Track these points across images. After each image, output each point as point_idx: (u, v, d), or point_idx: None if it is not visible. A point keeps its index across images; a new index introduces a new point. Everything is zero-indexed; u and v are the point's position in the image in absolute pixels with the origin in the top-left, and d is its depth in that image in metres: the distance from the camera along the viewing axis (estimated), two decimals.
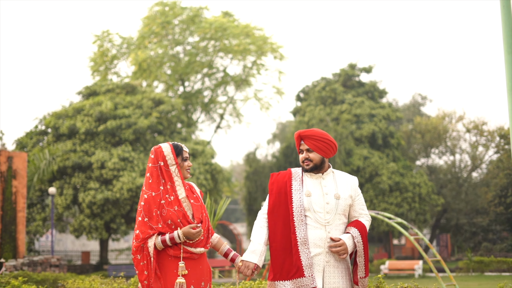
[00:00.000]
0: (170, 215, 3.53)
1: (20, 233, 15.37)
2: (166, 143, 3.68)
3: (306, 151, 3.72)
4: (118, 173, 20.39)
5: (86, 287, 6.26)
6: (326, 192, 3.68)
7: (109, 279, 6.63)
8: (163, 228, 3.52)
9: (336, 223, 3.65)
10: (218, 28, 26.64)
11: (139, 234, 3.51)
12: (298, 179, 3.74)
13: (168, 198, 3.57)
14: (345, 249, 3.55)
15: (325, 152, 3.70)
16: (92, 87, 23.78)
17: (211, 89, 28.77)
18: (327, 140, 3.71)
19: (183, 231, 3.50)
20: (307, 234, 3.59)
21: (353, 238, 3.62)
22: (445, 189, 29.30)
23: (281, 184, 3.74)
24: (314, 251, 3.58)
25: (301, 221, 3.60)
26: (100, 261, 23.03)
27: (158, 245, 3.50)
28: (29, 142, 22.40)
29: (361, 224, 3.70)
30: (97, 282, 6.41)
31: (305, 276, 3.51)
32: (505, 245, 28.40)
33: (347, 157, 26.84)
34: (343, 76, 29.61)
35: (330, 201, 3.65)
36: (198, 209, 3.66)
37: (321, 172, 3.74)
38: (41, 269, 14.53)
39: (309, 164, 3.71)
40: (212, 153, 22.76)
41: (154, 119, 21.85)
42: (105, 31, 27.45)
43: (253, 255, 3.61)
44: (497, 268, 20.83)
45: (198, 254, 3.58)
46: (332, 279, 3.57)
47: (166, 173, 3.60)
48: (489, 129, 29.95)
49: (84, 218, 20.59)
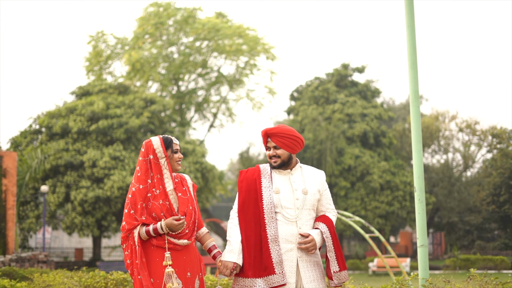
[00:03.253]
0: (155, 209, 3.66)
1: (9, 230, 15.80)
2: (157, 136, 3.78)
3: (273, 148, 3.76)
4: (109, 172, 20.84)
5: (50, 280, 6.64)
6: (296, 188, 3.71)
7: (72, 272, 7.04)
8: (147, 220, 3.66)
9: (306, 218, 3.69)
10: (211, 28, 27.01)
11: (124, 225, 3.68)
12: (267, 176, 3.77)
13: (154, 191, 3.69)
14: (314, 245, 3.61)
15: (292, 149, 3.73)
16: (85, 87, 24.22)
17: (205, 89, 29.16)
18: (293, 137, 3.74)
19: (166, 222, 3.61)
20: (278, 231, 3.63)
21: (322, 234, 3.67)
22: (437, 188, 29.58)
23: (251, 181, 3.77)
24: (286, 247, 3.62)
25: (271, 218, 3.63)
26: (93, 258, 23.50)
27: (142, 235, 3.65)
28: (23, 141, 22.87)
29: (328, 219, 3.74)
30: (60, 276, 6.81)
31: (276, 273, 3.56)
32: (498, 243, 28.67)
33: (338, 156, 27.16)
34: (336, 76, 29.91)
35: (299, 197, 3.69)
36: (185, 202, 3.75)
37: (289, 168, 3.78)
38: (28, 265, 14.90)
39: (277, 161, 3.74)
40: (203, 152, 23.15)
41: (146, 119, 22.27)
42: (100, 31, 27.86)
43: (231, 254, 3.65)
44: (484, 266, 21.11)
45: (181, 245, 3.66)
46: (307, 273, 3.62)
47: (155, 165, 3.70)
48: (481, 129, 30.19)
49: (76, 215, 21.04)
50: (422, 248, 4.26)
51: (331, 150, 26.62)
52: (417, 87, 4.40)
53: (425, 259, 4.23)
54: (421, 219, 4.30)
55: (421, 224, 4.31)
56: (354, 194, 26.85)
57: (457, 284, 4.15)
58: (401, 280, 4.24)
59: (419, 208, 4.31)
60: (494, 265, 20.99)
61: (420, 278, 4.23)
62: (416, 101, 4.38)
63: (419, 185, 4.35)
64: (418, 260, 4.28)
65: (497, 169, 28.27)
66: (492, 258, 21.41)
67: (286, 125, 4.34)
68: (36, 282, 6.77)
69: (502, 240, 28.59)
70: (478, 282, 4.11)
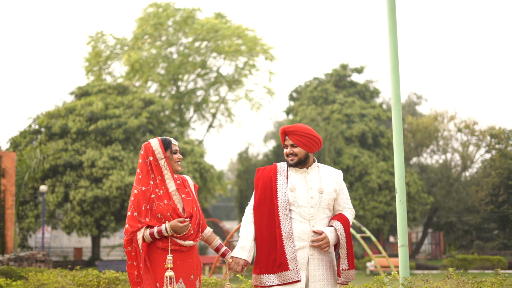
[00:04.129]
0: (160, 209, 3.63)
1: (8, 229, 15.93)
2: (155, 138, 3.79)
3: (290, 146, 3.78)
4: (107, 172, 20.98)
5: (45, 278, 6.78)
6: (311, 187, 3.73)
7: (66, 271, 7.18)
8: (151, 222, 3.63)
9: (320, 217, 3.70)
10: (210, 29, 27.13)
11: (128, 228, 3.64)
12: (283, 173, 3.79)
13: (158, 192, 3.67)
14: (327, 242, 3.62)
15: (309, 147, 3.76)
16: (85, 87, 24.37)
17: (204, 89, 29.28)
18: (311, 136, 3.76)
19: (170, 224, 3.59)
20: (292, 228, 3.64)
21: (336, 231, 3.68)
22: (435, 188, 29.66)
23: (267, 179, 3.79)
24: (298, 244, 3.63)
25: (286, 216, 3.65)
26: (92, 257, 23.64)
27: (146, 237, 3.61)
28: (22, 141, 23.02)
29: (344, 217, 3.76)
30: (55, 275, 6.94)
31: (290, 270, 3.58)
32: (496, 243, 28.75)
33: (337, 156, 27.26)
34: (334, 76, 30.01)
35: (314, 196, 3.70)
36: (189, 203, 3.74)
37: (306, 167, 3.80)
38: (27, 264, 15.03)
39: (294, 159, 3.77)
40: (201, 152, 23.27)
41: (144, 119, 22.40)
42: (99, 32, 28.00)
43: (243, 251, 3.67)
44: (480, 265, 21.21)
45: (187, 247, 3.65)
46: (316, 272, 3.63)
47: (156, 167, 3.69)
48: (480, 129, 30.27)
49: (74, 215, 21.18)
50: (403, 248, 4.36)
51: (329, 150, 26.72)
52: (399, 92, 4.51)
53: (406, 258, 4.33)
54: (402, 220, 4.40)
55: (402, 225, 4.41)
56: (353, 194, 26.96)
57: (435, 283, 4.25)
58: (381, 279, 4.34)
59: (400, 209, 4.41)
60: (491, 265, 21.08)
61: (400, 277, 4.33)
62: (398, 104, 4.48)
63: (400, 187, 4.45)
64: (399, 259, 4.37)
65: (496, 169, 28.34)
66: (489, 258, 21.50)
67: (304, 124, 4.34)
68: (31, 281, 6.90)
69: (500, 240, 28.66)
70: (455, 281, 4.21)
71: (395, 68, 4.50)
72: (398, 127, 4.44)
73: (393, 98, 4.44)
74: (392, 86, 4.49)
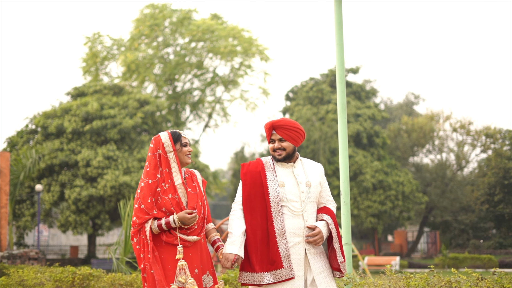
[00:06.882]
0: (165, 203, 3.65)
1: (2, 228, 16.23)
2: (165, 131, 3.79)
3: (278, 141, 3.74)
4: (102, 171, 21.30)
5: (25, 274, 7.11)
6: (300, 181, 3.71)
7: (45, 267, 7.54)
8: (158, 214, 3.64)
9: (311, 211, 3.69)
10: (206, 30, 27.40)
11: (135, 220, 3.64)
12: (271, 169, 3.75)
13: (163, 186, 3.67)
14: (321, 237, 3.61)
15: (296, 141, 3.74)
16: (81, 88, 24.69)
17: (200, 90, 29.56)
18: (298, 129, 3.74)
19: (178, 216, 3.59)
20: (284, 225, 3.61)
21: (328, 225, 3.68)
22: (430, 187, 29.87)
23: (255, 174, 3.74)
24: (293, 240, 3.61)
25: (278, 212, 3.62)
26: (88, 255, 23.98)
27: (154, 229, 3.62)
28: (19, 141, 23.36)
29: (330, 210, 3.76)
30: (34, 271, 7.27)
31: (284, 267, 3.56)
32: (492, 242, 28.96)
33: (331, 156, 27.50)
34: (330, 77, 30.24)
35: (304, 190, 3.68)
36: (194, 197, 3.73)
37: (292, 161, 3.78)
38: (20, 262, 15.32)
39: (282, 153, 3.73)
40: (196, 152, 23.56)
41: (139, 119, 22.70)
42: (96, 33, 28.31)
43: (233, 246, 3.62)
44: (472, 264, 21.44)
45: (190, 242, 3.65)
46: (317, 264, 3.62)
47: (164, 160, 3.69)
48: (475, 129, 30.46)
49: (70, 214, 21.52)
50: (347, 246, 4.65)
51: (324, 150, 26.95)
52: (345, 100, 4.79)
53: (349, 256, 4.63)
54: (345, 220, 4.70)
55: (346, 224, 4.71)
56: None
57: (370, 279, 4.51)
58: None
59: (344, 210, 4.71)
60: (482, 263, 21.32)
61: None
62: (343, 112, 4.77)
63: (345, 189, 4.74)
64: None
65: (492, 168, 28.53)
66: (480, 257, 21.74)
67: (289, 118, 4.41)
68: (12, 277, 7.22)
69: (496, 239, 28.87)
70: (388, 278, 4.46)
71: (341, 78, 4.77)
72: (343, 133, 4.73)
73: (339, 106, 4.72)
74: (339, 95, 4.77)
